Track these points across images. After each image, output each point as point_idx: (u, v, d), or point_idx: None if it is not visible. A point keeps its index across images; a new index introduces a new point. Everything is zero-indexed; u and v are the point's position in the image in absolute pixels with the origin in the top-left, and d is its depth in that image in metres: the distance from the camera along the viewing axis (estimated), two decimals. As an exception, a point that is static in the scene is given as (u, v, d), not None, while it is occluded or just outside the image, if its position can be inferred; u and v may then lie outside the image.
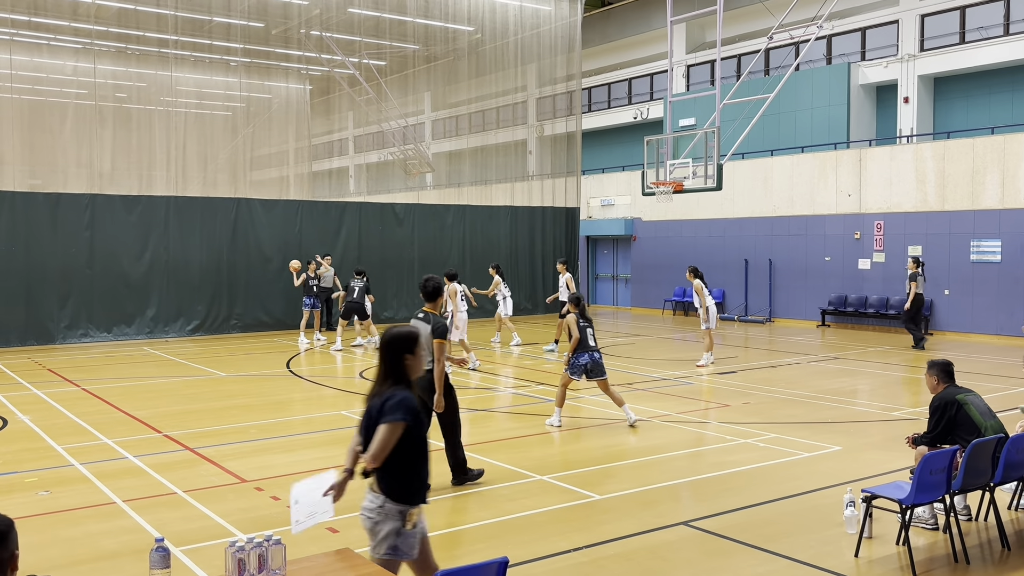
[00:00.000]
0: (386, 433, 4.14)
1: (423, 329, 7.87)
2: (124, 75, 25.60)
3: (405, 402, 4.21)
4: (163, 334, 20.33)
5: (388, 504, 4.20)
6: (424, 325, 7.86)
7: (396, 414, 4.16)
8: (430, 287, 8.10)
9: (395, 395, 4.22)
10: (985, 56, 22.58)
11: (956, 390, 6.83)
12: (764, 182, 24.23)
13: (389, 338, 4.39)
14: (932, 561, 6.17)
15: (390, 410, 4.17)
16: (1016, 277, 19.18)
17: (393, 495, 4.21)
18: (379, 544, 4.21)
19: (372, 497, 4.26)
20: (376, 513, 4.22)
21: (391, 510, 4.20)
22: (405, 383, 4.32)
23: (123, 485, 8.06)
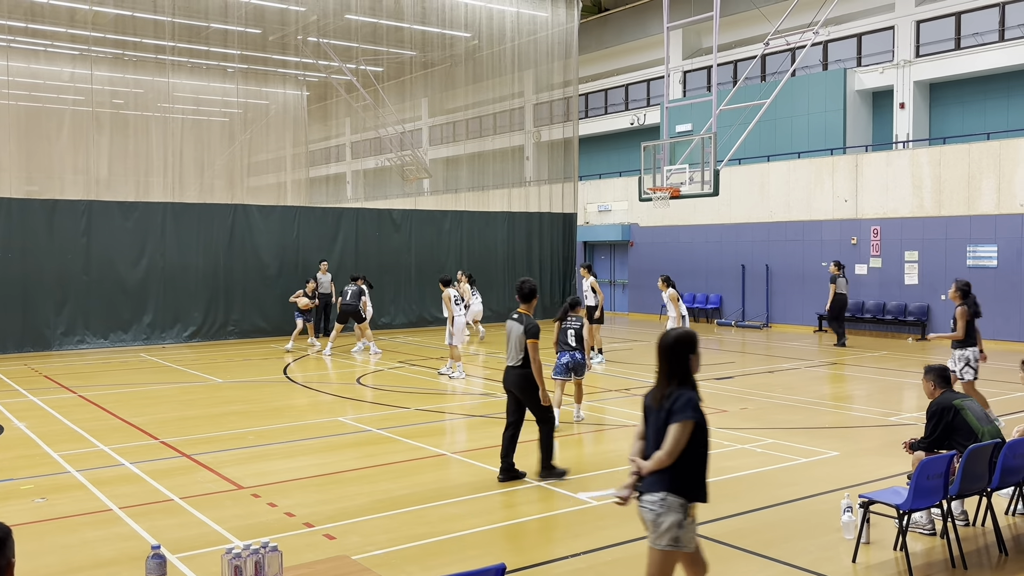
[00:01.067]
0: (678, 432, 4.35)
1: (516, 329, 8.30)
2: (121, 81, 25.63)
3: (692, 401, 4.42)
4: (160, 340, 20.30)
5: (670, 497, 4.37)
6: (517, 325, 8.34)
7: (686, 413, 4.38)
8: (526, 289, 8.54)
9: (682, 395, 4.42)
10: (980, 62, 22.66)
11: (953, 395, 6.84)
12: (761, 188, 24.27)
13: (674, 339, 4.56)
14: (930, 566, 6.17)
15: (680, 410, 4.38)
16: (1012, 282, 19.22)
17: (676, 489, 4.39)
18: (661, 535, 4.39)
19: (653, 492, 4.42)
20: (659, 505, 4.39)
21: (673, 503, 4.38)
22: (690, 383, 4.50)
23: (119, 492, 8.04)
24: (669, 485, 4.39)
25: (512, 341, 8.38)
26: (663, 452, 4.37)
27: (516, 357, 8.32)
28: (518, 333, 8.28)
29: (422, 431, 11.02)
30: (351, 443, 10.27)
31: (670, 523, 4.37)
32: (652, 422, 4.53)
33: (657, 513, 4.39)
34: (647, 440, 4.55)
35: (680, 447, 4.37)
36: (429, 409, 12.54)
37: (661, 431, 4.42)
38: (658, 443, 4.42)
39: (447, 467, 9.04)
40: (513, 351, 8.36)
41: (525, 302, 8.52)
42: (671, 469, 4.40)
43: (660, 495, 4.39)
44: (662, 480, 4.40)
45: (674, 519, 4.38)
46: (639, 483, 4.52)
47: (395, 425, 11.22)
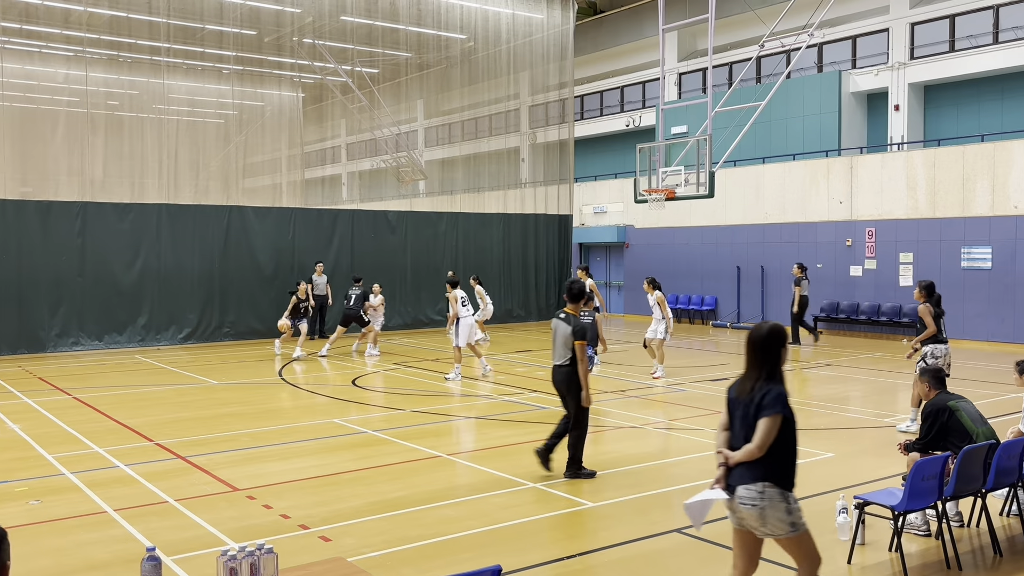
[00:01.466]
0: (769, 425, 4.47)
1: (563, 329, 8.43)
2: (116, 83, 25.59)
3: (782, 396, 4.53)
4: (155, 342, 20.26)
5: (769, 488, 4.49)
6: (564, 325, 8.46)
7: (776, 407, 4.49)
8: (575, 289, 8.70)
9: (771, 390, 4.53)
10: (975, 64, 22.73)
11: (948, 396, 6.85)
12: (756, 189, 24.30)
13: (767, 333, 4.67)
14: (925, 568, 6.18)
15: (769, 404, 4.49)
16: (1006, 284, 19.27)
17: (773, 479, 4.50)
18: (776, 525, 4.50)
19: (747, 485, 4.52)
20: (759, 499, 4.49)
21: (773, 493, 4.49)
22: (778, 376, 4.62)
23: (114, 494, 8.02)
24: (765, 476, 4.51)
25: (559, 340, 8.56)
26: (754, 445, 4.49)
27: (564, 356, 8.50)
28: (565, 333, 8.45)
29: (418, 433, 11.01)
30: (347, 445, 10.26)
31: (779, 511, 4.49)
32: (739, 414, 4.64)
33: (761, 507, 4.50)
34: (731, 431, 4.68)
35: (770, 441, 4.49)
36: (425, 411, 12.53)
37: (750, 423, 4.54)
38: (746, 435, 4.55)
39: (443, 469, 9.03)
40: (560, 350, 8.54)
41: (573, 302, 8.67)
42: (765, 460, 4.51)
43: (758, 487, 4.50)
44: (755, 471, 4.52)
45: (781, 509, 4.50)
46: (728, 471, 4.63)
47: (391, 427, 11.21)
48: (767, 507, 4.48)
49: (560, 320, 8.57)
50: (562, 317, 8.58)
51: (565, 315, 8.58)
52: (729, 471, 4.61)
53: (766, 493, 4.48)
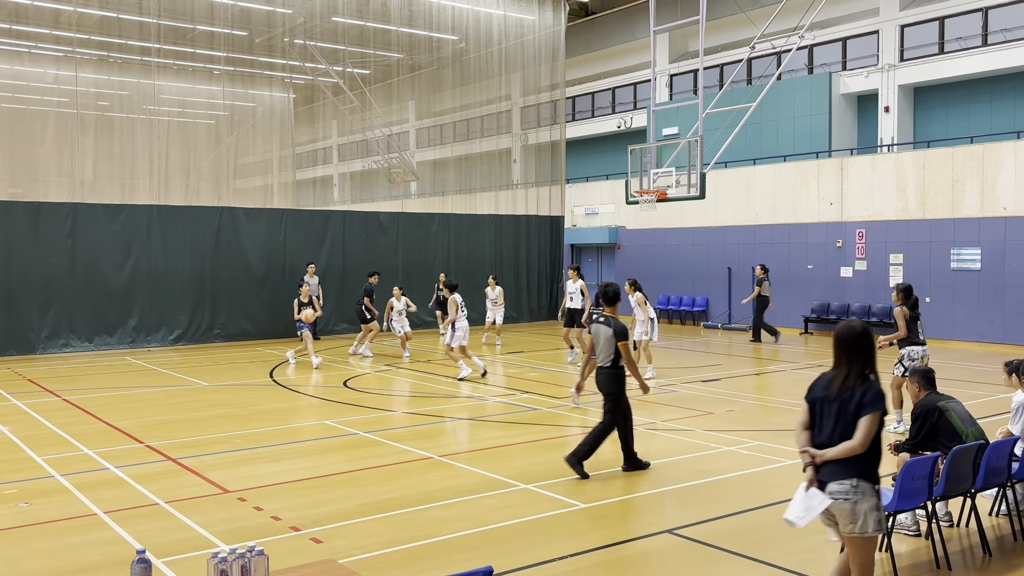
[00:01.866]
0: (871, 422, 4.58)
1: (604, 332, 8.64)
2: (106, 83, 25.47)
3: (881, 394, 4.66)
4: (145, 344, 20.18)
5: (862, 484, 4.58)
6: (605, 328, 8.70)
7: (878, 404, 4.62)
8: (611, 293, 8.92)
9: (871, 387, 4.67)
10: (964, 66, 22.84)
11: (937, 397, 6.89)
12: (747, 191, 24.37)
13: (861, 331, 4.80)
14: (915, 568, 6.20)
15: (871, 402, 4.60)
16: (995, 285, 19.37)
17: (866, 475, 4.60)
18: (864, 521, 4.58)
19: (840, 481, 4.58)
20: (852, 493, 4.56)
21: (866, 488, 4.59)
22: (873, 373, 4.75)
23: (104, 496, 7.99)
24: (857, 472, 4.58)
25: (601, 343, 8.73)
26: (856, 442, 4.57)
27: (607, 358, 8.71)
28: (607, 335, 8.66)
29: (410, 434, 11.00)
30: (338, 446, 10.24)
31: (868, 507, 4.58)
32: (830, 412, 4.70)
33: (853, 502, 4.56)
34: (818, 429, 4.76)
35: (871, 437, 4.58)
36: (417, 412, 12.52)
37: (848, 421, 4.62)
38: (843, 432, 4.62)
39: (434, 470, 9.02)
40: (603, 353, 8.73)
41: (610, 305, 8.90)
42: (857, 456, 4.59)
43: (851, 482, 4.56)
44: (848, 467, 4.59)
45: (872, 503, 4.59)
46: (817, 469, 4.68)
47: (382, 428, 11.19)
48: (859, 501, 4.56)
49: (600, 324, 8.78)
50: (601, 320, 8.79)
51: (604, 318, 8.79)
52: (816, 468, 4.68)
53: (859, 488, 4.57)
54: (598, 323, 8.83)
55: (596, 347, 8.82)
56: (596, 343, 8.81)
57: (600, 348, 8.76)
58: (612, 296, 8.91)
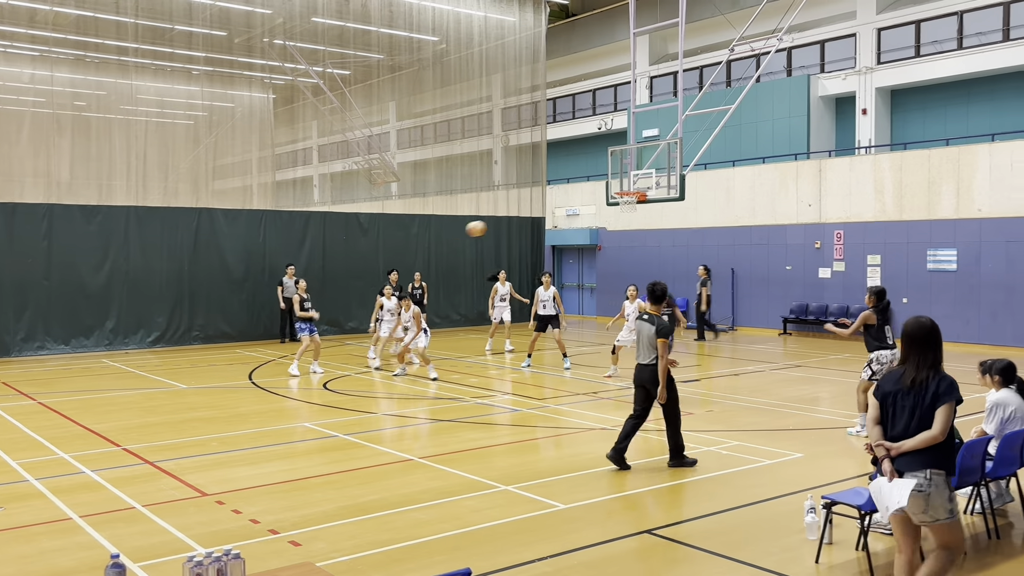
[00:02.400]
0: (948, 412, 4.76)
1: (647, 329, 8.83)
2: (83, 83, 25.26)
3: (955, 385, 4.85)
4: (123, 346, 20.01)
5: (935, 475, 4.76)
6: (648, 325, 8.92)
7: (953, 395, 4.80)
8: (658, 291, 9.16)
9: (944, 378, 4.86)
10: (940, 69, 23.08)
11: None
12: (726, 192, 24.50)
13: (929, 327, 5.01)
14: (891, 566, 6.24)
15: (946, 392, 4.79)
16: (971, 285, 19.58)
17: (940, 465, 4.78)
18: (937, 509, 4.77)
19: (914, 472, 4.78)
20: (927, 484, 4.75)
21: (939, 479, 4.76)
22: (941, 365, 4.94)
23: (80, 500, 7.91)
24: (932, 462, 4.77)
25: (644, 341, 8.94)
26: (937, 431, 4.75)
27: (650, 355, 8.89)
28: (649, 333, 8.88)
29: (389, 436, 10.97)
30: (317, 449, 10.19)
31: (943, 498, 4.76)
32: (904, 405, 4.89)
33: (927, 493, 4.74)
34: (891, 423, 4.94)
35: (949, 425, 4.77)
36: (396, 414, 12.49)
37: (924, 413, 4.81)
38: (919, 423, 4.80)
39: (415, 472, 9.00)
40: (645, 350, 8.93)
41: (656, 303, 9.12)
42: (936, 449, 4.78)
43: (925, 473, 4.75)
44: (923, 458, 4.78)
45: (946, 493, 4.78)
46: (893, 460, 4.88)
47: (362, 430, 11.16)
48: (933, 492, 4.74)
49: (643, 321, 9.00)
50: (645, 318, 9.01)
51: (648, 316, 9.01)
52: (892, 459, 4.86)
53: (933, 479, 4.74)
54: (642, 320, 9.03)
55: (638, 344, 9.06)
56: (638, 341, 9.05)
57: (643, 345, 8.97)
58: (659, 295, 9.15)
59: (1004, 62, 21.89)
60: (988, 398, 7.59)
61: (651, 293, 9.21)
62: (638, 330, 9.07)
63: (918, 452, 4.78)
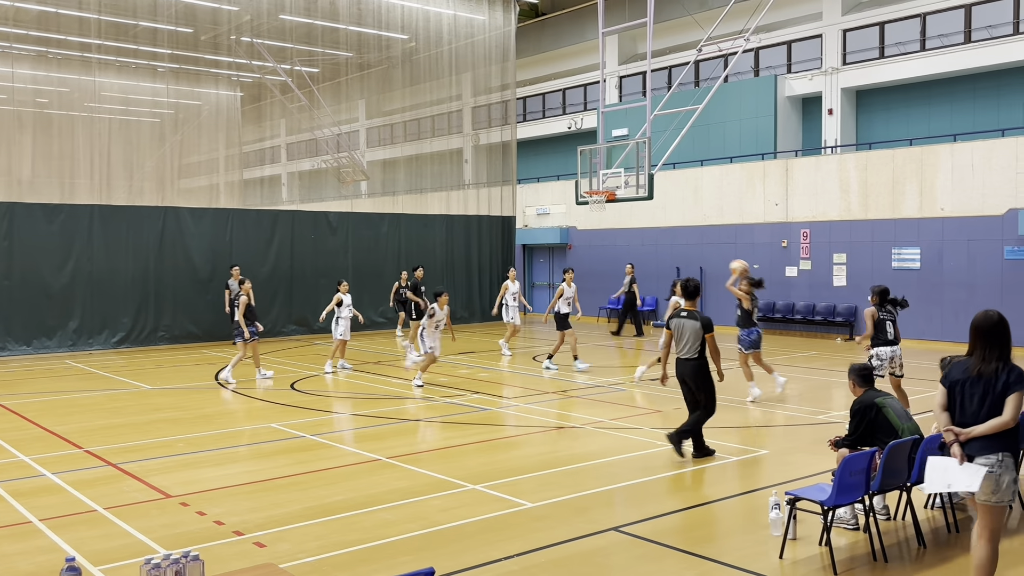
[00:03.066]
0: (1019, 400, 5.03)
1: (691, 325, 9.11)
2: (45, 80, 24.84)
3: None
4: (87, 347, 19.71)
5: (1006, 457, 5.07)
6: (692, 322, 9.13)
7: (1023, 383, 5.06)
8: (691, 287, 9.35)
9: (1014, 368, 5.11)
10: (903, 70, 23.40)
11: (875, 394, 7.04)
12: (694, 192, 24.66)
13: (996, 319, 5.22)
14: (853, 560, 6.33)
15: (1016, 381, 5.05)
16: (934, 283, 19.88)
17: (1010, 448, 5.09)
18: (1004, 492, 5.07)
19: (987, 456, 5.06)
20: (999, 466, 5.05)
21: (1009, 462, 5.08)
22: (1010, 356, 5.19)
23: (40, 504, 7.78)
24: (1003, 446, 5.06)
25: (688, 336, 9.08)
26: (1008, 417, 5.01)
27: (693, 350, 9.09)
28: (694, 328, 9.10)
29: (357, 436, 10.91)
30: (283, 449, 10.11)
31: (1010, 479, 5.07)
32: (973, 392, 5.14)
33: (998, 474, 5.03)
34: (959, 410, 5.20)
35: (1019, 413, 5.02)
36: (365, 414, 12.43)
37: (995, 400, 5.06)
38: (989, 410, 5.06)
39: (382, 472, 8.96)
40: (689, 345, 9.09)
41: (691, 299, 9.35)
42: (1007, 434, 5.06)
43: (997, 456, 5.04)
44: (995, 443, 5.05)
45: (1012, 475, 5.09)
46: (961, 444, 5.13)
47: (329, 431, 11.09)
48: (1003, 474, 5.03)
49: (684, 318, 9.20)
50: (685, 315, 9.21)
51: (687, 312, 9.23)
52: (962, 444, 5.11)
53: (1004, 462, 5.05)
54: (681, 318, 9.18)
55: (679, 341, 9.19)
56: (680, 337, 9.18)
57: (685, 341, 9.14)
58: (693, 290, 9.32)
59: (965, 64, 22.25)
60: None
61: (685, 289, 9.37)
62: (679, 327, 9.20)
63: (990, 436, 5.04)
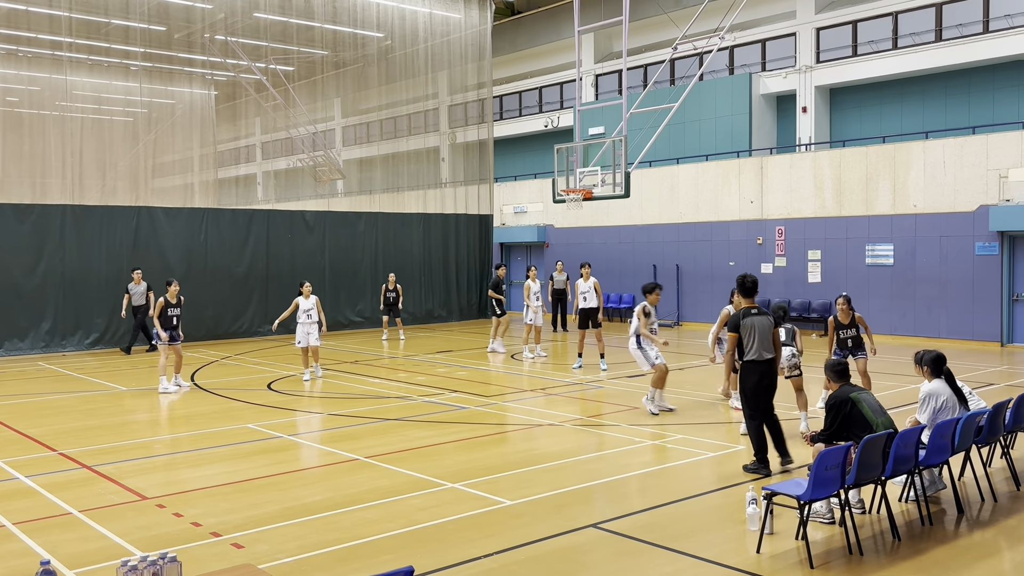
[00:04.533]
0: None
1: (766, 323, 8.61)
2: (15, 78, 24.52)
3: None
4: (60, 348, 19.49)
5: None
6: (764, 319, 8.65)
7: None
8: (750, 283, 8.89)
9: None
10: (876, 68, 23.66)
11: (850, 388, 7.12)
12: (671, 189, 24.79)
13: None
14: (829, 554, 6.40)
15: None
16: (907, 279, 20.11)
17: None
18: None
19: None
20: None
21: None
22: None
23: (13, 507, 7.69)
24: None
25: (764, 335, 8.59)
26: None
27: (770, 349, 8.61)
28: (768, 325, 8.62)
29: (335, 436, 10.88)
30: (261, 450, 10.06)
31: None
32: None
33: None
34: None
35: None
36: (342, 414, 12.39)
37: None
38: None
39: (360, 472, 8.94)
40: (765, 344, 8.59)
41: (751, 296, 8.87)
42: None
43: None
44: None
45: None
46: None
47: (307, 431, 11.04)
48: None
49: (755, 316, 8.63)
50: (754, 312, 8.66)
51: (756, 310, 8.71)
52: None
53: None
54: (753, 316, 8.65)
55: (755, 341, 8.57)
56: (755, 337, 8.58)
57: (761, 340, 8.57)
58: (752, 287, 8.87)
59: (936, 62, 22.53)
60: (921, 389, 7.81)
61: (743, 286, 8.89)
62: (751, 325, 8.59)
63: None
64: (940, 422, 7.28)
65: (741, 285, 8.93)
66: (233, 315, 22.02)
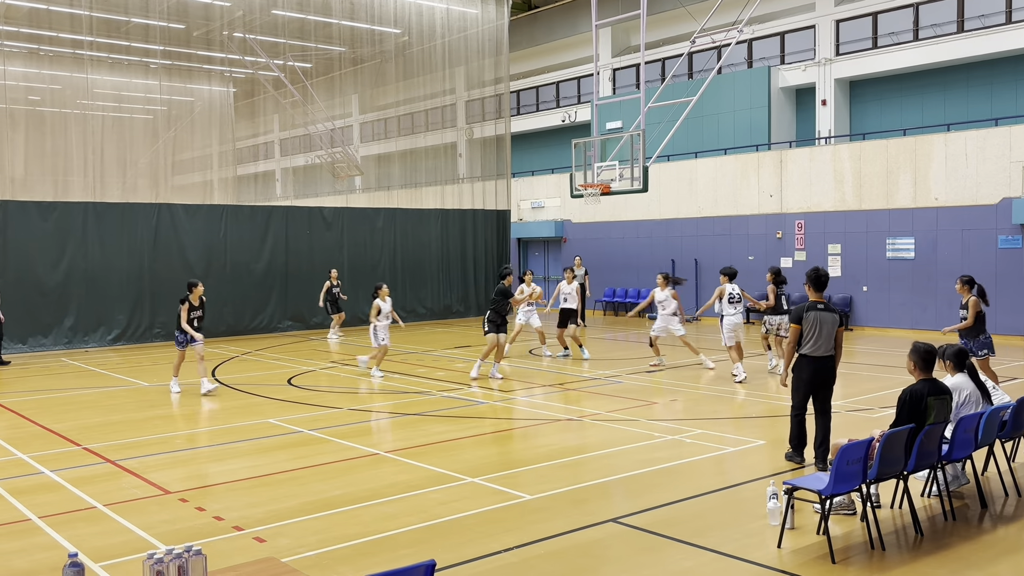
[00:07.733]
0: None
1: (831, 319, 8.37)
2: (37, 77, 24.74)
3: None
4: (82, 344, 19.69)
5: None
6: (830, 315, 8.39)
7: None
8: (822, 277, 8.61)
9: None
10: (896, 60, 23.44)
11: (928, 386, 6.98)
12: (689, 183, 24.69)
13: None
14: (850, 549, 6.37)
15: None
16: (929, 273, 19.94)
17: None
18: None
19: None
20: None
21: None
22: None
23: (38, 501, 7.78)
24: None
25: (827, 331, 8.35)
26: None
27: (831, 347, 8.41)
28: (834, 322, 8.37)
29: (355, 431, 10.93)
30: (282, 445, 10.12)
31: None
32: None
33: None
34: None
35: None
36: (362, 409, 12.44)
37: None
38: None
39: (380, 466, 8.98)
40: (827, 341, 8.37)
41: (820, 291, 8.59)
42: None
43: None
44: None
45: None
46: None
47: (327, 426, 11.10)
48: None
49: (821, 311, 8.36)
50: (821, 308, 8.39)
51: (823, 305, 8.45)
52: None
53: None
54: (818, 311, 8.35)
55: (816, 337, 8.31)
56: (817, 332, 8.31)
57: (824, 337, 8.31)
58: (823, 281, 8.59)
59: (958, 53, 22.29)
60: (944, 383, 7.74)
61: (815, 280, 8.57)
62: (817, 320, 8.32)
63: None
64: (963, 416, 7.21)
65: (815, 279, 8.56)
66: (253, 311, 22.16)
